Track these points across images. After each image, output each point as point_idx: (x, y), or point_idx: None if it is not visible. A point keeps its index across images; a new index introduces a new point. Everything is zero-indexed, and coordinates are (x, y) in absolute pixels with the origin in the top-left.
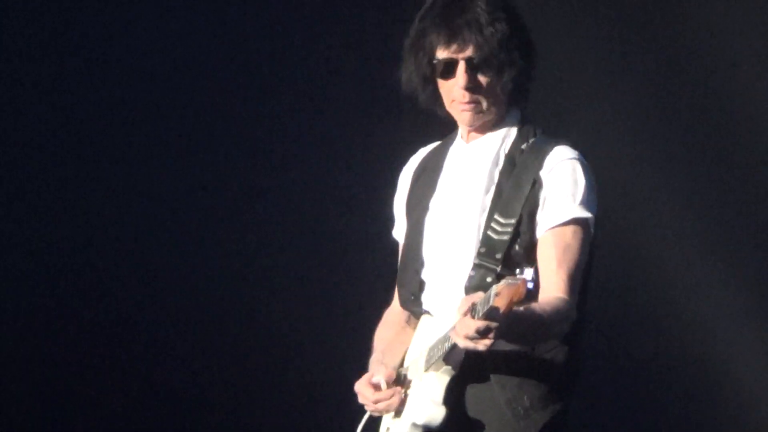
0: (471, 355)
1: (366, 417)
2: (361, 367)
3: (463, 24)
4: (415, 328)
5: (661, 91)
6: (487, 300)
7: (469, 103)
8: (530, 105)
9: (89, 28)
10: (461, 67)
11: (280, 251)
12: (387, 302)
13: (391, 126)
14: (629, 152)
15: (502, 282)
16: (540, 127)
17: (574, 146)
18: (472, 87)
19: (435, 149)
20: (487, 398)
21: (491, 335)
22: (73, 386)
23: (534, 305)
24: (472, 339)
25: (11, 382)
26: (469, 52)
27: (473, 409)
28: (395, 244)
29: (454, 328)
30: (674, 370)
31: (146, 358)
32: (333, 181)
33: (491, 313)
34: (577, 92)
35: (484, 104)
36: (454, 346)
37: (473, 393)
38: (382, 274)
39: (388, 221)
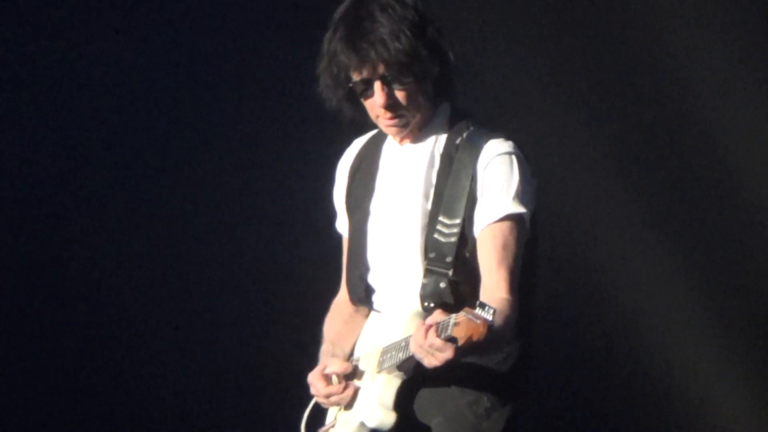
0: None
1: (312, 403)
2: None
3: (368, 46)
4: (364, 316)
5: (617, 89)
6: (447, 326)
7: (392, 119)
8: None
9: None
10: (377, 86)
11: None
12: (335, 292)
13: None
14: (583, 151)
15: (463, 313)
16: (472, 117)
17: (508, 138)
18: (392, 103)
19: (369, 142)
20: (446, 401)
21: (447, 356)
22: (69, 386)
23: None
24: (426, 351)
25: (10, 383)
26: (381, 70)
27: (431, 411)
28: (339, 236)
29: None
30: (623, 365)
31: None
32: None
33: (452, 340)
34: (530, 91)
35: (408, 116)
36: (411, 357)
37: (430, 396)
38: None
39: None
